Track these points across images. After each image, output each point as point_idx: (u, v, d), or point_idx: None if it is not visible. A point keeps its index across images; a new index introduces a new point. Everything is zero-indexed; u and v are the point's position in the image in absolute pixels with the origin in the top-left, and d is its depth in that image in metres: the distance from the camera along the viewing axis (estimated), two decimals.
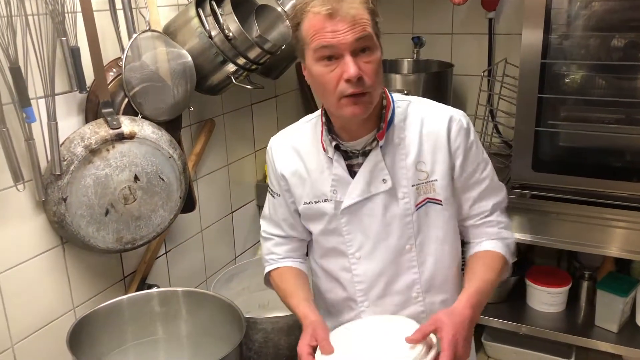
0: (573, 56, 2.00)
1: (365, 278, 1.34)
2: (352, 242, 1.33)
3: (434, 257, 1.33)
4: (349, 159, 1.30)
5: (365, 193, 1.28)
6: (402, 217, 1.29)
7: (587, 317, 2.33)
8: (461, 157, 1.29)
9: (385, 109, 1.27)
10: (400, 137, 1.28)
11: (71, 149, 1.46)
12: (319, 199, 1.33)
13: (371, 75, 1.16)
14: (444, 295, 1.36)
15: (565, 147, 2.13)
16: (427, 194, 1.29)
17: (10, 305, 1.45)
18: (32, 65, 1.37)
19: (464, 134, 1.28)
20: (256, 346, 1.72)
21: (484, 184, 1.33)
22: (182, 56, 1.68)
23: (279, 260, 1.44)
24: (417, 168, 1.28)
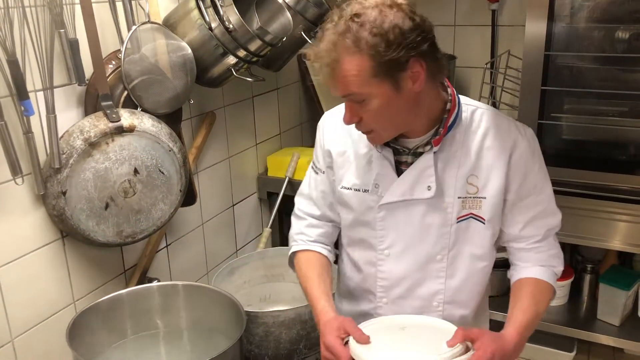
0: (577, 48, 1.98)
1: (389, 276, 1.31)
2: (384, 239, 1.29)
3: (465, 273, 1.28)
4: (398, 155, 1.26)
5: (407, 195, 1.23)
6: (440, 227, 1.24)
7: (589, 311, 2.32)
8: (520, 181, 1.22)
9: (448, 113, 1.21)
10: (458, 145, 1.22)
11: (70, 142, 1.44)
12: (359, 187, 1.29)
13: (369, 121, 1.15)
14: (465, 311, 1.32)
15: (568, 140, 2.11)
16: (472, 209, 1.23)
17: (10, 299, 1.44)
18: (30, 58, 1.36)
19: (527, 157, 1.22)
20: (257, 340, 1.72)
21: (538, 207, 1.26)
22: (182, 48, 1.67)
23: (309, 243, 1.38)
24: (468, 181, 1.22)
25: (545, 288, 1.27)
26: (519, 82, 2.20)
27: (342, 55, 1.07)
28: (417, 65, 1.09)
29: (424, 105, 1.17)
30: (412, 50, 1.07)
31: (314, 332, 1.75)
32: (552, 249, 1.31)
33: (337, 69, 1.08)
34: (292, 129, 2.56)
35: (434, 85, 1.18)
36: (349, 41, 1.06)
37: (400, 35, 1.06)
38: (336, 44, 1.08)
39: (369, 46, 1.05)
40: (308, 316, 1.72)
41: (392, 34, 1.05)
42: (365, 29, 1.05)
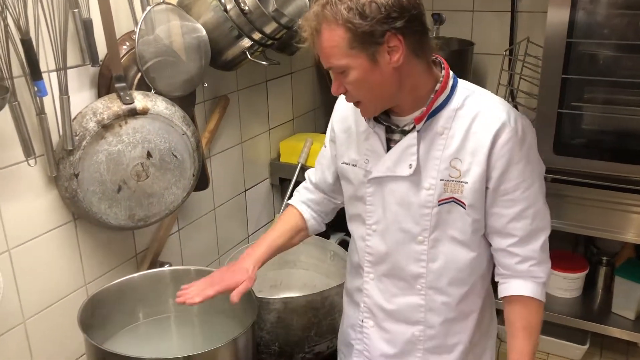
0: (599, 35, 1.93)
1: (375, 251, 1.34)
2: (372, 214, 1.32)
3: (446, 258, 1.28)
4: (390, 133, 1.28)
5: (390, 171, 1.26)
6: (420, 207, 1.25)
7: (603, 304, 2.30)
8: (501, 170, 1.19)
9: (435, 94, 1.20)
10: (445, 127, 1.22)
11: (83, 124, 1.43)
12: (355, 163, 1.33)
13: (353, 93, 1.19)
14: (447, 299, 1.31)
15: (588, 130, 2.08)
16: (454, 193, 1.22)
17: (22, 281, 1.44)
18: (44, 38, 1.34)
19: (512, 145, 1.18)
20: (268, 326, 1.71)
21: (524, 204, 1.22)
22: (196, 30, 1.64)
23: (299, 202, 1.51)
24: (451, 164, 1.21)
25: (533, 308, 1.27)
26: (538, 70, 2.16)
27: (322, 26, 1.13)
28: (394, 39, 1.11)
29: (408, 82, 1.18)
30: (387, 24, 1.10)
31: (325, 320, 1.74)
32: (534, 257, 1.26)
33: (318, 39, 1.14)
34: (305, 114, 2.53)
35: (420, 62, 1.18)
36: (328, 13, 1.11)
37: (375, 10, 1.09)
38: (318, 15, 1.13)
39: (344, 19, 1.10)
40: (320, 304, 1.71)
41: (367, 7, 1.09)
42: (343, 2, 1.10)
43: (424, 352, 1.36)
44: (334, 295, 1.72)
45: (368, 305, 1.39)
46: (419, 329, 1.34)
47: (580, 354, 2.30)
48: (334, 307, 1.73)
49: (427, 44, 1.18)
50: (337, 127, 1.38)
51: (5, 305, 1.37)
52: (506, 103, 1.24)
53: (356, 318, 1.43)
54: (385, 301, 1.35)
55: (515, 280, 1.27)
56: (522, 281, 1.26)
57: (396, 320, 1.35)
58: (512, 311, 1.28)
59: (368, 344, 1.41)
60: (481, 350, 1.41)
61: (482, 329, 1.39)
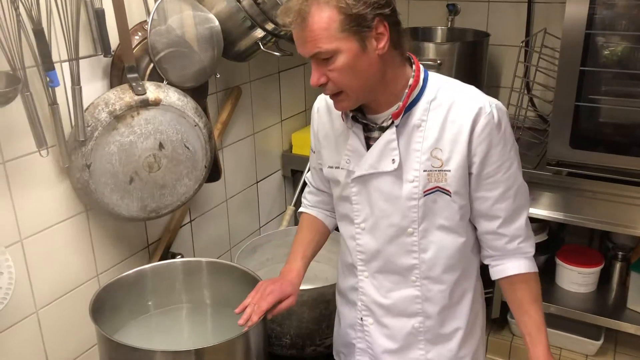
0: (619, 27, 1.88)
1: (366, 249, 1.35)
2: (359, 213, 1.33)
3: (436, 246, 1.29)
4: (368, 131, 1.29)
5: (373, 168, 1.27)
6: (407, 200, 1.26)
7: (618, 299, 2.27)
8: (482, 154, 1.22)
9: (409, 88, 1.22)
10: (422, 119, 1.23)
11: (95, 114, 1.42)
12: (338, 164, 1.34)
13: (336, 80, 1.16)
14: (441, 286, 1.33)
15: (605, 124, 2.03)
16: (438, 183, 1.24)
17: (34, 271, 1.44)
18: (56, 28, 1.33)
19: (490, 130, 1.20)
20: (279, 318, 1.71)
21: (506, 184, 1.25)
22: (209, 20, 1.63)
23: (308, 207, 1.55)
24: (432, 154, 1.23)
25: (533, 281, 1.32)
26: (555, 62, 2.12)
27: (312, 8, 1.10)
28: (381, 26, 1.13)
29: (388, 73, 1.20)
30: (377, 9, 1.11)
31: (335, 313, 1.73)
32: (520, 235, 1.30)
33: (305, 22, 1.11)
34: None
35: (397, 54, 1.20)
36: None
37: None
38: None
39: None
40: (331, 296, 1.70)
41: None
42: None
43: (425, 344, 1.37)
44: None
45: (365, 303, 1.39)
46: (418, 321, 1.35)
47: (594, 350, 2.27)
48: None
49: (403, 37, 1.21)
50: (320, 134, 1.39)
51: (17, 295, 1.38)
52: (478, 90, 1.26)
53: (354, 317, 1.43)
54: (382, 297, 1.36)
55: (508, 260, 1.31)
56: (514, 260, 1.31)
57: (394, 315, 1.36)
58: (516, 289, 1.32)
59: (370, 342, 1.41)
60: (476, 331, 1.42)
61: (475, 310, 1.41)
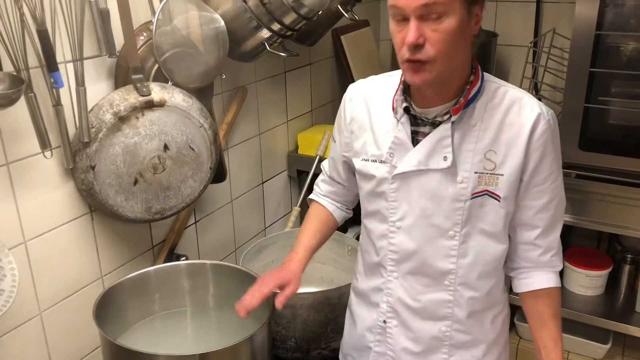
0: (629, 27, 1.86)
1: (399, 249, 1.29)
2: (396, 210, 1.27)
3: (476, 251, 1.25)
4: (415, 125, 1.24)
5: (422, 165, 1.21)
6: (453, 201, 1.21)
7: (627, 303, 2.25)
8: (536, 162, 1.19)
9: (471, 84, 1.19)
10: (478, 119, 1.20)
11: (100, 115, 1.41)
12: (375, 158, 1.28)
13: (436, 44, 1.08)
14: (475, 293, 1.29)
15: (615, 126, 2.01)
16: (488, 186, 1.20)
17: (39, 273, 1.43)
18: (60, 28, 1.32)
19: (547, 138, 1.19)
20: (284, 322, 1.69)
21: (551, 195, 1.23)
22: (214, 21, 1.61)
23: (320, 196, 1.52)
24: (486, 156, 1.19)
25: (556, 295, 1.30)
26: (564, 63, 2.10)
27: None
28: (480, 9, 1.12)
29: (462, 61, 1.16)
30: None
31: (342, 316, 1.71)
32: (553, 247, 1.29)
33: None
34: (323, 105, 2.50)
35: (470, 46, 1.17)
36: None
37: None
38: None
39: None
40: (337, 300, 1.69)
41: None
42: None
43: (449, 348, 1.33)
44: None
45: (391, 304, 1.35)
46: (445, 324, 1.31)
47: (602, 353, 2.25)
48: None
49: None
50: (353, 123, 1.33)
51: (21, 297, 1.37)
52: (532, 96, 1.24)
53: (374, 319, 1.40)
54: (411, 299, 1.32)
55: (536, 273, 1.29)
56: (543, 274, 1.29)
57: (422, 318, 1.32)
58: (538, 303, 1.30)
59: (392, 344, 1.37)
60: (501, 339, 1.39)
61: (503, 319, 1.38)
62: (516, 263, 1.31)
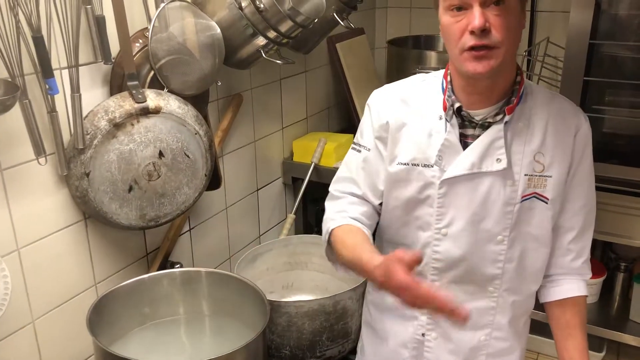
0: (623, 37, 1.88)
1: (445, 257, 1.24)
2: (443, 217, 1.22)
3: (522, 255, 1.23)
4: (462, 128, 1.20)
5: (475, 168, 1.18)
6: (505, 204, 1.19)
7: (621, 311, 2.26)
8: (577, 163, 1.20)
9: (518, 84, 1.18)
10: (524, 120, 1.19)
11: (95, 122, 1.41)
12: (419, 162, 1.22)
13: (500, 29, 1.06)
14: (518, 297, 1.28)
15: (608, 134, 2.02)
16: (536, 189, 1.19)
17: (31, 280, 1.42)
18: (56, 34, 1.32)
19: (587, 140, 1.21)
20: (279, 329, 1.68)
21: (586, 199, 1.24)
22: (210, 28, 1.61)
23: (349, 219, 1.26)
24: (535, 158, 1.18)
25: (583, 305, 1.30)
26: (558, 71, 2.11)
27: None
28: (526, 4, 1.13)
29: (514, 53, 1.15)
30: None
31: (337, 324, 1.71)
32: (585, 253, 1.28)
33: None
34: (319, 113, 2.50)
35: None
36: None
37: None
38: None
39: None
40: (332, 308, 1.68)
41: None
42: None
43: (486, 357, 1.31)
44: (347, 299, 1.69)
45: (432, 316, 1.30)
46: (485, 333, 1.29)
47: None
48: (346, 312, 1.70)
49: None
50: (391, 126, 1.24)
51: (14, 304, 1.35)
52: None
53: (410, 333, 1.33)
54: None
55: (566, 281, 1.28)
56: (573, 282, 1.28)
57: (463, 327, 1.27)
58: (566, 312, 1.28)
59: (430, 358, 1.33)
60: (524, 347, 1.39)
61: (527, 328, 1.38)
62: (548, 270, 1.29)
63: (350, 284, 1.83)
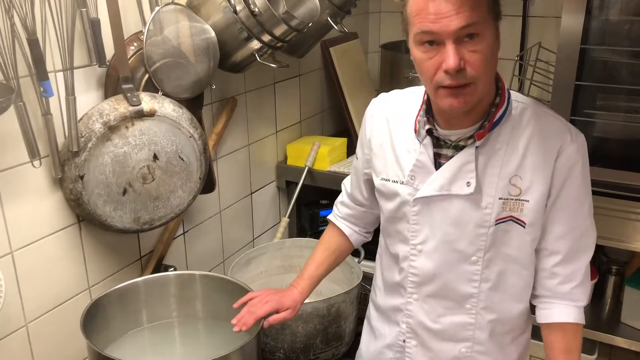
0: (615, 42, 1.89)
1: (420, 272, 1.27)
2: (418, 234, 1.24)
3: (499, 276, 1.23)
4: (438, 147, 1.20)
5: (444, 190, 1.18)
6: (476, 227, 1.18)
7: (612, 314, 2.26)
8: (559, 186, 1.15)
9: (496, 107, 1.15)
10: (503, 143, 1.16)
11: (89, 125, 1.41)
12: (397, 179, 1.25)
13: (476, 66, 1.04)
14: (496, 315, 1.27)
15: (600, 138, 2.04)
16: (513, 212, 1.16)
17: (25, 284, 1.42)
18: (51, 37, 1.32)
19: (574, 163, 1.15)
20: (273, 333, 1.69)
21: (575, 222, 1.19)
22: (205, 31, 1.62)
23: (338, 218, 1.50)
24: (511, 182, 1.15)
25: (572, 331, 1.25)
26: (549, 76, 2.13)
27: None
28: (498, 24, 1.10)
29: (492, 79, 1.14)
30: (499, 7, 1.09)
31: (331, 327, 1.71)
32: (576, 278, 1.22)
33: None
34: (312, 117, 2.51)
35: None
36: None
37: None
38: None
39: None
40: (325, 311, 1.68)
41: None
42: None
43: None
44: (341, 302, 1.69)
45: (411, 326, 1.33)
46: (466, 345, 1.29)
47: None
48: (340, 315, 1.71)
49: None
50: (373, 141, 1.30)
51: (7, 308, 1.35)
52: (561, 117, 1.19)
53: (394, 338, 1.38)
54: (431, 321, 1.29)
55: (556, 305, 1.24)
56: (564, 307, 1.23)
57: (442, 339, 1.30)
58: (551, 336, 1.25)
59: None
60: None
61: (526, 340, 1.36)
62: (536, 291, 1.27)
63: (344, 287, 1.84)
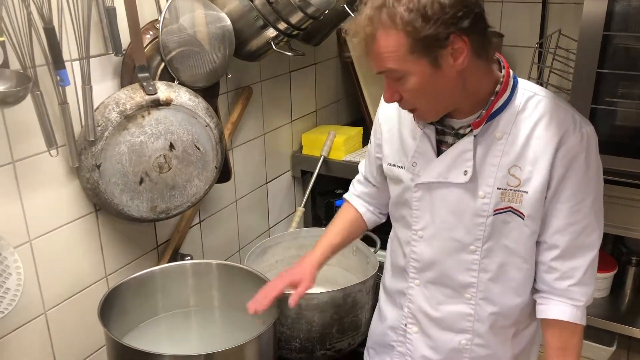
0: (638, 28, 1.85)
1: (420, 258, 1.28)
2: (419, 220, 1.25)
3: (499, 267, 1.22)
4: (442, 134, 1.20)
5: (442, 177, 1.18)
6: (474, 216, 1.18)
7: (632, 305, 2.24)
8: (559, 178, 1.12)
9: (496, 96, 1.13)
10: (504, 132, 1.14)
11: (105, 114, 1.41)
12: (401, 164, 1.27)
13: (410, 99, 1.11)
14: (498, 309, 1.26)
15: (622, 127, 2.00)
16: (512, 203, 1.15)
17: (43, 272, 1.43)
18: (67, 26, 1.31)
19: (575, 154, 1.11)
20: (289, 322, 1.68)
21: (576, 217, 1.14)
22: (221, 20, 1.61)
23: (353, 196, 1.51)
24: (510, 172, 1.14)
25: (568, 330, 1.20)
26: (569, 64, 2.10)
27: (378, 31, 1.02)
28: (459, 41, 1.02)
29: (470, 84, 1.10)
30: (452, 25, 1.01)
31: (347, 317, 1.70)
32: (574, 275, 1.18)
33: (372, 44, 1.04)
34: (328, 106, 2.49)
35: (482, 63, 1.10)
36: (385, 16, 1.01)
37: (439, 10, 0.99)
38: (372, 18, 1.02)
39: (404, 22, 1.00)
40: (342, 300, 1.68)
41: (430, 9, 0.98)
42: (401, 4, 1.00)
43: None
44: (357, 292, 1.69)
45: (412, 310, 1.34)
46: (466, 338, 1.29)
47: (606, 356, 2.24)
48: (356, 305, 1.70)
49: (489, 42, 1.09)
50: (383, 126, 1.32)
51: (26, 296, 1.36)
52: (570, 107, 1.16)
53: (398, 321, 1.39)
54: (431, 308, 1.30)
55: (553, 301, 1.21)
56: (560, 304, 1.20)
57: (442, 328, 1.30)
58: (547, 332, 1.23)
59: (411, 350, 1.37)
60: (527, 358, 1.36)
61: (531, 334, 1.34)
62: (537, 285, 1.25)
63: (359, 276, 1.83)
